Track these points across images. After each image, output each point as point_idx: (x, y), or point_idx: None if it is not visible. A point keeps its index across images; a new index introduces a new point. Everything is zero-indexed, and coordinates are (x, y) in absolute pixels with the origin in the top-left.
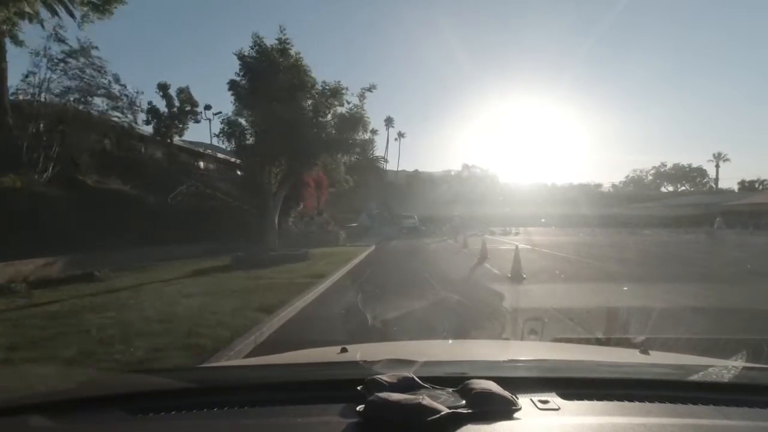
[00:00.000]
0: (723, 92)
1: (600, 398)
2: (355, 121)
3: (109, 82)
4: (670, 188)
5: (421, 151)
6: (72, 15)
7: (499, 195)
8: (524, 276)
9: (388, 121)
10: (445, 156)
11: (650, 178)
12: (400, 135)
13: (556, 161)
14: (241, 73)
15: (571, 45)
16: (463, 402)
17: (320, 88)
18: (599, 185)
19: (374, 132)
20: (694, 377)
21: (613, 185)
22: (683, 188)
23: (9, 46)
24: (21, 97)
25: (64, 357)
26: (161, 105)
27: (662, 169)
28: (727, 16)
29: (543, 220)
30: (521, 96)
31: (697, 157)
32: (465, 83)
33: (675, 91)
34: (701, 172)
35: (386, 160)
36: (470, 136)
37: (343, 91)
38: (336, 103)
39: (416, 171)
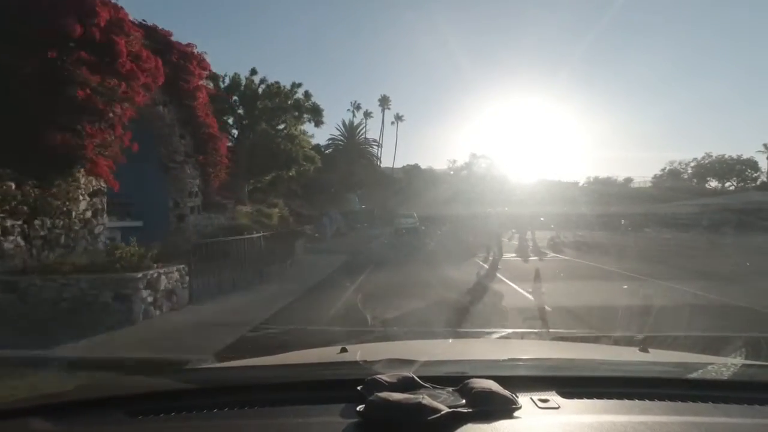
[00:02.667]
0: None
1: (600, 396)
2: None
3: None
4: (713, 183)
5: (421, 149)
6: None
7: (514, 191)
8: None
9: (383, 101)
10: (447, 153)
11: (690, 171)
12: (398, 118)
13: (571, 156)
14: None
15: (590, 29)
16: (463, 401)
17: None
18: (629, 179)
19: None
20: (694, 375)
21: (620, 179)
22: (728, 183)
23: None
24: None
25: None
26: None
27: (706, 161)
28: None
29: (542, 219)
30: (529, 88)
31: (744, 148)
32: (470, 75)
33: (714, 76)
34: (752, 164)
35: (380, 145)
36: (475, 131)
37: None
38: None
39: (416, 165)
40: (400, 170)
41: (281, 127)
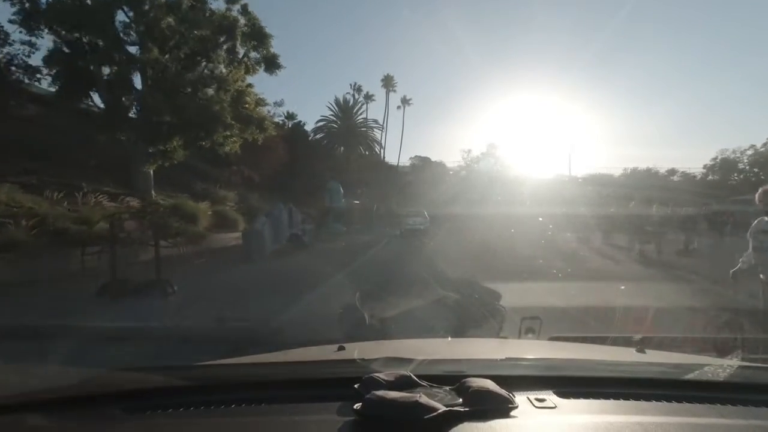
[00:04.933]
0: None
1: (596, 396)
2: None
3: None
4: None
5: (431, 142)
6: None
7: (539, 187)
8: None
9: (387, 81)
10: (460, 147)
11: (746, 160)
12: (405, 101)
13: (596, 150)
14: None
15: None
16: (460, 400)
17: None
18: (673, 171)
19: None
20: (690, 376)
21: (662, 171)
22: None
23: None
24: None
25: None
26: None
27: (765, 149)
28: None
29: (540, 219)
30: (550, 77)
31: None
32: (487, 62)
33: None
34: None
35: (383, 128)
36: (492, 122)
37: None
38: None
39: (426, 158)
40: (408, 167)
41: (216, 71)
